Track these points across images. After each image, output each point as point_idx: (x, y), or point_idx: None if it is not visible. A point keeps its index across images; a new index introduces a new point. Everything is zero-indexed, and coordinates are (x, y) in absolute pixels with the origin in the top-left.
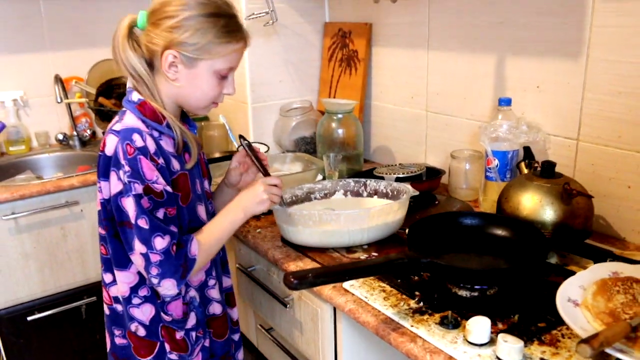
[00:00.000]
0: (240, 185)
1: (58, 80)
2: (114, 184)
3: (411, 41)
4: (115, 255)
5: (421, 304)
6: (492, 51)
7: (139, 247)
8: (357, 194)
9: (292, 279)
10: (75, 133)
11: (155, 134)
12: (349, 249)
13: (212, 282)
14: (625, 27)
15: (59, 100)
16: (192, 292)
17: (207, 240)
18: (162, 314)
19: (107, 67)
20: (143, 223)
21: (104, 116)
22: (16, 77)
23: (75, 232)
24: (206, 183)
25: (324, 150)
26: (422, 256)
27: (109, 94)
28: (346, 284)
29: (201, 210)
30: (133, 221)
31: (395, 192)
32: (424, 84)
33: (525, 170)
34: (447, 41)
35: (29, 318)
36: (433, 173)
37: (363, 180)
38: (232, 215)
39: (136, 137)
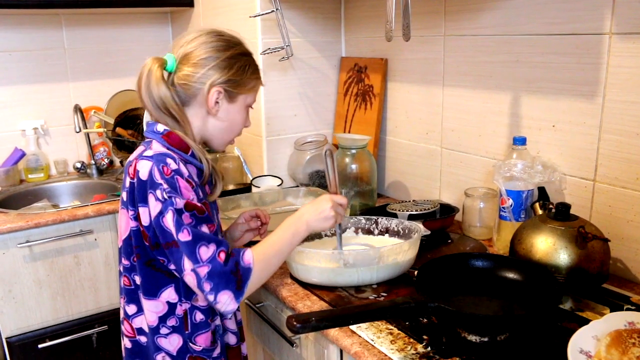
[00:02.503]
0: (239, 242)
1: (77, 110)
2: (153, 206)
3: (426, 77)
4: (146, 284)
5: (429, 348)
6: (507, 89)
7: (187, 264)
8: (368, 232)
9: (294, 323)
10: (93, 162)
11: (183, 162)
12: (358, 289)
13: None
14: None
15: (77, 129)
16: (218, 321)
17: (265, 251)
18: (190, 344)
19: (126, 98)
20: (185, 236)
21: (121, 146)
22: (37, 106)
23: (89, 260)
24: (219, 216)
25: None
26: (430, 300)
27: (127, 124)
28: (353, 325)
29: None
30: (175, 237)
31: (406, 231)
32: (438, 120)
33: (540, 211)
34: (462, 78)
35: (40, 346)
36: (447, 210)
37: (374, 217)
38: (294, 228)
39: (170, 160)
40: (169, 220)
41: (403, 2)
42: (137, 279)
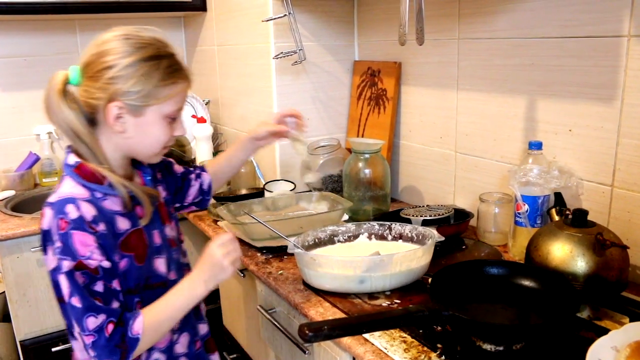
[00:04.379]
0: (264, 142)
1: None
2: (50, 260)
3: (440, 81)
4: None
5: (443, 357)
6: (522, 93)
7: (75, 326)
8: (382, 238)
9: (307, 331)
10: None
11: (99, 194)
12: (371, 295)
13: (181, 338)
14: None
15: None
16: (156, 355)
17: (156, 318)
18: None
19: None
20: (76, 302)
21: None
22: None
23: None
24: (168, 229)
25: (351, 190)
26: (444, 308)
27: None
28: (366, 334)
29: (160, 264)
30: (67, 299)
31: (420, 237)
32: (453, 124)
33: (556, 217)
34: (476, 81)
35: (53, 349)
36: (461, 216)
37: (388, 223)
38: (190, 291)
39: (70, 208)
40: (62, 281)
41: (417, 5)
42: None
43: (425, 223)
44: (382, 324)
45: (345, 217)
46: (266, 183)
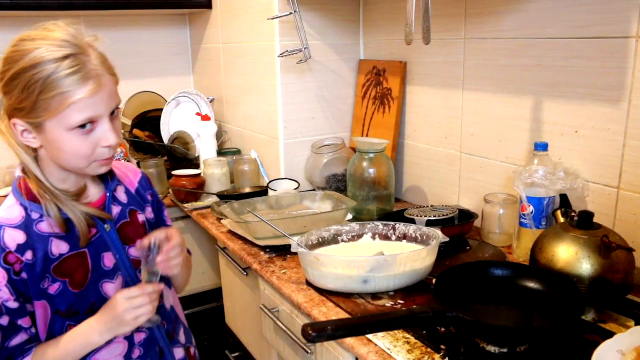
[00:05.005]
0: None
1: None
2: None
3: (445, 81)
4: None
5: (446, 358)
6: (528, 93)
7: None
8: (386, 237)
9: (310, 332)
10: None
11: (35, 215)
12: (375, 295)
13: None
14: None
15: None
16: None
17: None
18: None
19: (143, 99)
20: None
21: (138, 147)
22: None
23: None
24: (130, 250)
25: (355, 189)
26: (448, 309)
27: (144, 125)
28: (369, 334)
29: (110, 289)
30: None
31: (424, 237)
32: (457, 124)
33: (561, 219)
34: (481, 81)
35: None
36: (466, 216)
37: (392, 223)
38: (84, 338)
39: None
40: None
41: (423, 4)
42: None
43: (429, 223)
44: (386, 324)
45: (349, 216)
46: (270, 181)
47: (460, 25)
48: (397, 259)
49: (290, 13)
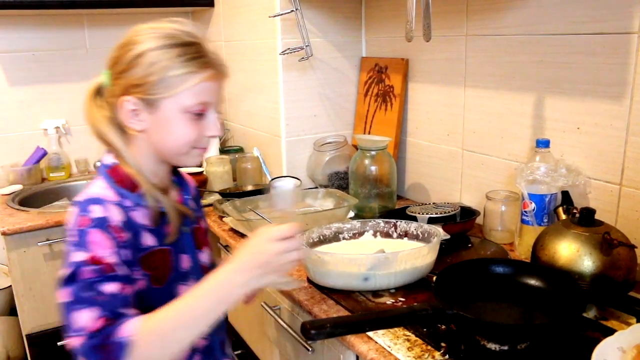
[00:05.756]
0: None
1: None
2: (67, 259)
3: (448, 78)
4: None
5: (447, 356)
6: (530, 90)
7: (66, 330)
8: (387, 235)
9: (309, 329)
10: None
11: (128, 203)
12: (375, 293)
13: None
14: None
15: None
16: None
17: (166, 322)
18: None
19: None
20: (65, 296)
21: None
22: (59, 106)
23: None
24: (204, 255)
25: (357, 187)
26: (448, 307)
27: None
28: (370, 332)
29: (184, 291)
30: (59, 298)
31: (426, 235)
32: (460, 122)
33: (563, 216)
34: (484, 78)
35: (59, 343)
36: (467, 214)
37: (393, 221)
38: (220, 293)
39: (95, 207)
40: (60, 278)
41: (424, 1)
42: None
43: (431, 221)
44: (386, 322)
45: (351, 214)
46: (272, 179)
47: (462, 22)
48: (398, 256)
49: (292, 11)
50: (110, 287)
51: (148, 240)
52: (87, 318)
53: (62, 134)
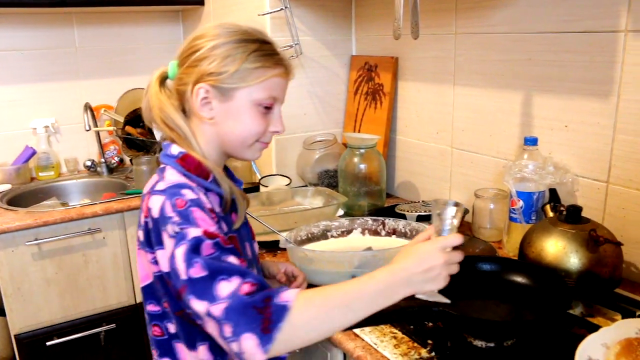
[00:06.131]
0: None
1: (88, 108)
2: (168, 246)
3: (437, 76)
4: (183, 334)
5: (433, 353)
6: (518, 88)
7: (200, 306)
8: (375, 233)
9: None
10: (103, 160)
11: (203, 189)
12: None
13: None
14: None
15: (88, 127)
16: None
17: (328, 297)
18: None
19: (136, 97)
20: (198, 271)
21: (131, 144)
22: (48, 105)
23: (97, 259)
24: (255, 245)
25: (346, 185)
26: (433, 304)
27: (136, 122)
28: (356, 329)
29: None
30: (185, 277)
31: (414, 232)
32: (449, 120)
33: (551, 214)
34: (473, 77)
35: (48, 343)
36: None
37: (381, 218)
38: (388, 282)
39: (186, 191)
40: (179, 258)
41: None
42: (172, 327)
43: (420, 219)
44: (372, 319)
45: (341, 212)
46: (262, 178)
47: (451, 20)
48: (385, 254)
49: (282, 9)
50: (232, 259)
51: (223, 226)
52: (234, 285)
53: (51, 133)
